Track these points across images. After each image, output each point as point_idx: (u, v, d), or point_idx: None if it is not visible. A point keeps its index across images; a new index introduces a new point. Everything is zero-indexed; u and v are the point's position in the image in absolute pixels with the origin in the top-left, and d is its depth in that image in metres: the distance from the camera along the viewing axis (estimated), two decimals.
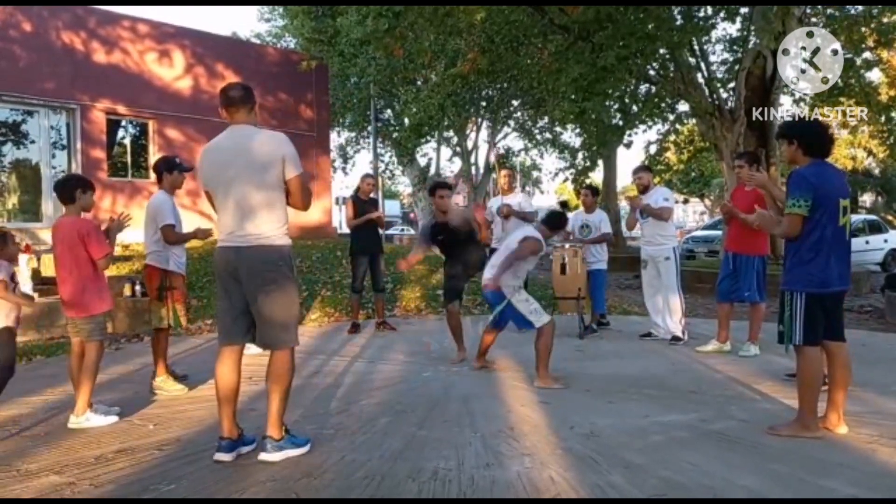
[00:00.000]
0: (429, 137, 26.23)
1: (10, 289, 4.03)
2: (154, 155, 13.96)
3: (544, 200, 63.44)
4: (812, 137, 3.82)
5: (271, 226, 3.48)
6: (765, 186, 4.42)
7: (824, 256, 3.68)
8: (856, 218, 16.61)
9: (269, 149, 3.47)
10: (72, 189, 4.39)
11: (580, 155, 25.21)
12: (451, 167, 34.53)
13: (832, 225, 3.68)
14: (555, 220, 5.60)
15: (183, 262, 5.32)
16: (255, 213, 3.46)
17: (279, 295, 3.49)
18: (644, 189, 7.01)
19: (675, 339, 6.72)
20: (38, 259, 9.50)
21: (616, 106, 16.31)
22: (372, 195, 7.96)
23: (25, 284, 8.41)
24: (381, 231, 8.04)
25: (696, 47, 13.72)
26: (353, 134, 29.07)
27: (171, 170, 5.27)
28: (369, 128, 25.89)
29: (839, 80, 11.57)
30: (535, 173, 45.57)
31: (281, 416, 3.55)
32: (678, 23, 12.69)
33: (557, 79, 14.14)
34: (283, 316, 3.52)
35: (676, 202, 7.77)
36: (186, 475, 3.34)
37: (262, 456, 3.48)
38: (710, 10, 13.83)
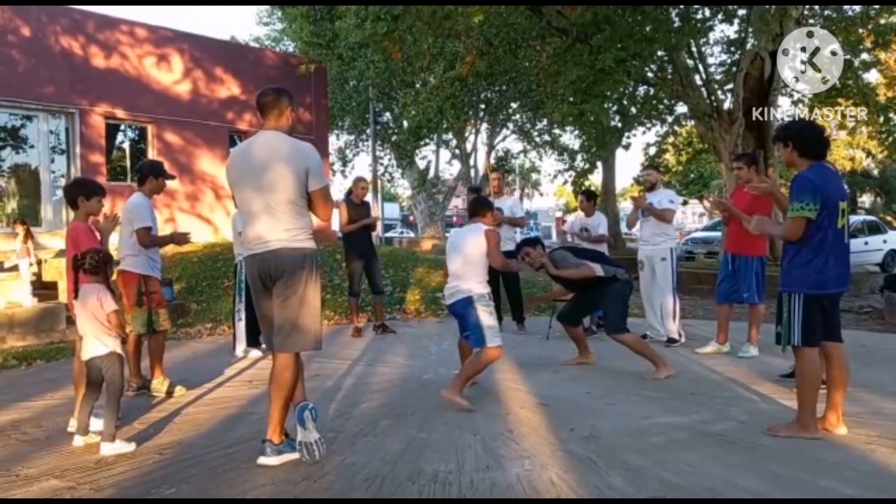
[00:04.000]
0: (428, 140, 26.28)
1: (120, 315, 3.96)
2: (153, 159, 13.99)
3: (544, 202, 63.62)
4: (807, 140, 3.83)
5: (295, 232, 3.49)
6: (771, 193, 4.42)
7: (823, 258, 3.69)
8: (855, 219, 16.64)
9: (293, 160, 3.47)
10: (73, 195, 4.42)
11: (579, 157, 25.24)
12: (449, 170, 34.61)
13: (832, 227, 3.70)
14: (476, 207, 4.99)
15: (158, 265, 5.20)
16: (279, 220, 3.47)
17: (299, 297, 3.49)
18: (651, 187, 7.00)
19: (671, 340, 6.71)
20: (40, 264, 9.51)
21: (615, 108, 16.33)
22: (365, 198, 7.94)
23: (25, 289, 8.44)
24: (374, 235, 8.04)
25: (693, 49, 13.75)
26: (352, 137, 29.13)
27: (158, 175, 5.20)
28: (368, 131, 25.93)
29: (837, 82, 11.59)
30: (534, 175, 45.65)
31: (282, 422, 3.55)
32: (676, 25, 12.72)
33: (556, 81, 14.18)
34: (300, 318, 3.50)
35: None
36: (187, 479, 3.34)
37: (261, 460, 3.48)
38: (707, 11, 13.87)
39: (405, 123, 23.77)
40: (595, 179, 25.29)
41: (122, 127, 14.32)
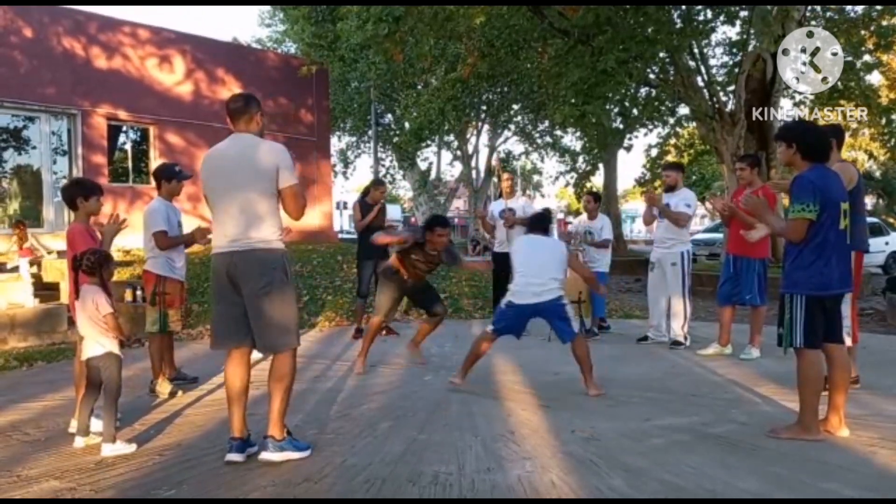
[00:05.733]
0: (429, 142, 26.34)
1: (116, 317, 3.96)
2: (155, 160, 13.98)
3: (545, 204, 63.63)
4: (811, 141, 3.82)
5: (267, 231, 3.54)
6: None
7: (825, 259, 3.69)
8: None
9: (265, 158, 3.53)
10: (71, 196, 4.42)
11: (581, 158, 25.27)
12: (451, 171, 34.61)
13: (834, 228, 3.69)
14: (543, 221, 5.46)
15: (180, 267, 5.32)
16: (250, 219, 3.51)
17: (277, 297, 3.53)
18: (670, 188, 6.82)
19: (676, 343, 6.68)
20: (40, 265, 9.52)
21: (616, 109, 16.34)
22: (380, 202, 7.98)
23: (27, 290, 8.45)
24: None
25: (695, 50, 13.75)
26: (354, 138, 29.17)
27: (170, 178, 5.33)
28: (370, 132, 25.96)
29: (839, 83, 11.58)
30: (535, 177, 45.63)
31: (282, 416, 3.56)
32: (678, 26, 12.72)
33: (557, 82, 14.19)
34: (282, 318, 3.56)
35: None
36: (187, 480, 3.34)
37: (263, 455, 3.49)
38: (709, 13, 13.87)
39: (407, 125, 23.80)
40: (596, 181, 25.31)
41: (125, 128, 14.33)
